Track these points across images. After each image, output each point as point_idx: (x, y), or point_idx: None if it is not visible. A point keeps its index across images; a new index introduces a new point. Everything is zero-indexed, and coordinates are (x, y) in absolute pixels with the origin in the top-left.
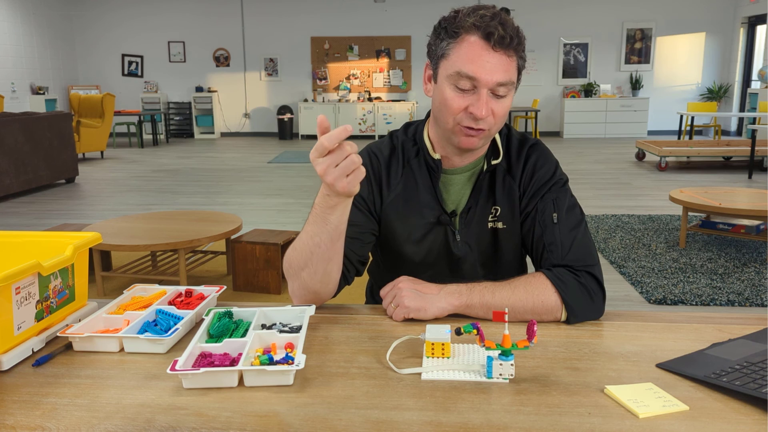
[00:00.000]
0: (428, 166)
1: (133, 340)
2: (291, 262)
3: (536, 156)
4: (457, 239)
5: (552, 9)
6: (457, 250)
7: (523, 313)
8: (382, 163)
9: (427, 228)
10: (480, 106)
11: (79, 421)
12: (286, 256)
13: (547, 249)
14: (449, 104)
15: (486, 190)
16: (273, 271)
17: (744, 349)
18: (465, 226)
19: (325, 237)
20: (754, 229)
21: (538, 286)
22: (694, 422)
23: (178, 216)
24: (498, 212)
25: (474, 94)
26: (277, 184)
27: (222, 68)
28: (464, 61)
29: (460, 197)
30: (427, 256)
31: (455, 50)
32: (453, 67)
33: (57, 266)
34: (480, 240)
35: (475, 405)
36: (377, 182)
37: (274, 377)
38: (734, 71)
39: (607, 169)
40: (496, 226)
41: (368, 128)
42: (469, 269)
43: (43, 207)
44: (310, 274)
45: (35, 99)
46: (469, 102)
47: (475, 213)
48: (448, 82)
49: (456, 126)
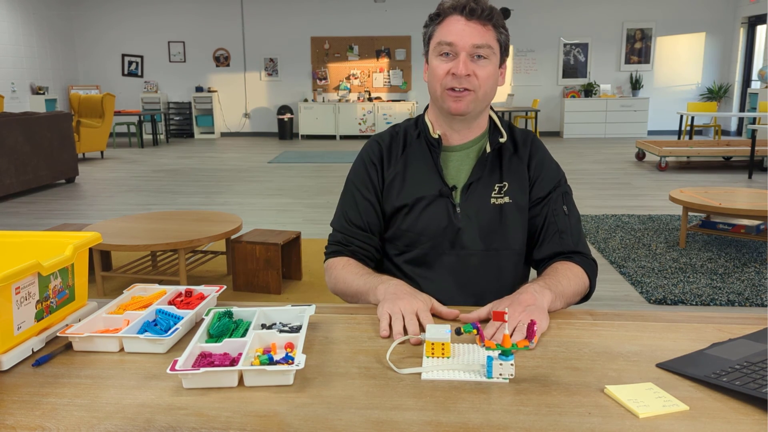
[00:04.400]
0: (429, 145)
1: (133, 340)
2: (336, 283)
3: (542, 150)
4: (457, 211)
5: (552, 9)
6: (458, 221)
7: (574, 296)
8: (383, 146)
9: (429, 200)
10: (459, 66)
11: (79, 421)
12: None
13: (559, 234)
14: (435, 71)
15: (491, 167)
16: (273, 271)
17: (744, 349)
18: (465, 200)
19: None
20: (754, 229)
21: (578, 273)
22: (694, 422)
23: (178, 216)
24: (506, 187)
25: (456, 60)
26: (277, 184)
27: (222, 68)
28: (444, 33)
29: (460, 173)
30: (428, 226)
31: (438, 29)
32: (436, 41)
33: (57, 266)
34: (481, 214)
35: (475, 405)
36: (379, 163)
37: (274, 377)
38: (734, 71)
39: (607, 169)
40: (502, 201)
41: (368, 128)
42: (469, 241)
43: (43, 207)
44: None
45: (35, 99)
46: (450, 66)
47: (477, 188)
48: (433, 55)
49: (443, 92)
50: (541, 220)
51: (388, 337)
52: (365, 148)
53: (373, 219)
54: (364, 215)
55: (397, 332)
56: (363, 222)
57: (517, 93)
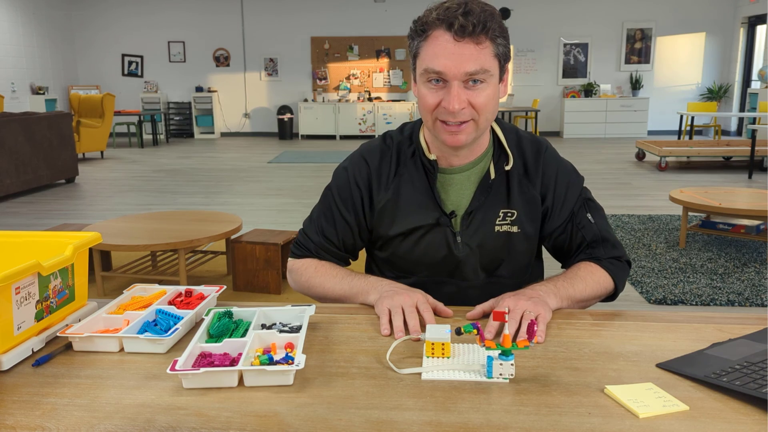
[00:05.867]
0: (425, 167)
1: (133, 340)
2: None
3: (555, 162)
4: (458, 241)
5: (552, 9)
6: (458, 251)
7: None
8: (372, 167)
9: (425, 229)
10: (450, 100)
11: (79, 421)
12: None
13: (589, 246)
14: (424, 101)
15: (496, 193)
16: (273, 271)
17: (744, 349)
18: (466, 228)
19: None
20: (754, 229)
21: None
22: (694, 422)
23: (178, 216)
24: (514, 216)
25: (444, 89)
26: (277, 184)
27: (222, 68)
28: (431, 57)
29: (461, 198)
30: (424, 257)
31: (424, 48)
32: (422, 65)
33: (57, 266)
34: (484, 243)
35: (475, 405)
36: (366, 188)
37: (274, 377)
38: (734, 71)
39: (607, 169)
40: (509, 230)
41: (368, 128)
42: (470, 272)
43: (43, 207)
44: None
45: (35, 99)
46: (441, 97)
47: (479, 215)
48: (422, 80)
49: (436, 123)
50: (568, 237)
51: (389, 335)
52: (352, 165)
53: (349, 239)
54: (341, 233)
55: (398, 328)
56: (338, 240)
57: (517, 93)
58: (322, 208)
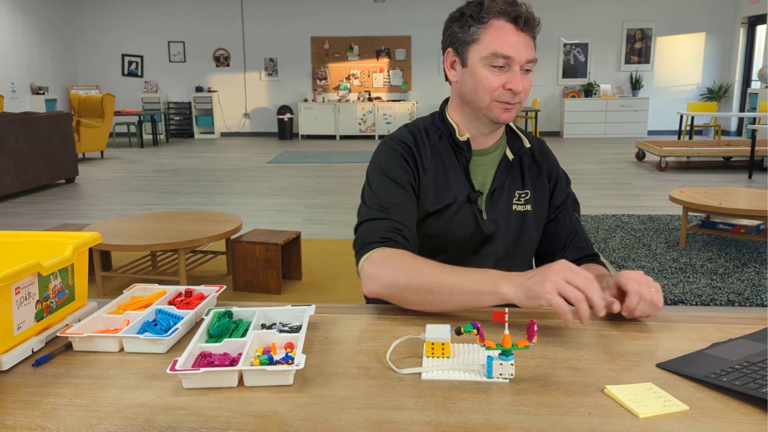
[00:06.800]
0: (455, 148)
1: (133, 340)
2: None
3: (553, 156)
4: (484, 218)
5: (552, 9)
6: (486, 227)
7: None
8: (411, 147)
9: (458, 206)
10: (517, 82)
11: (79, 421)
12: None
13: (577, 239)
14: (487, 83)
15: (513, 173)
16: (273, 271)
17: (744, 349)
18: (491, 206)
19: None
20: (754, 229)
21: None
22: (694, 422)
23: (178, 216)
24: (528, 196)
25: (507, 72)
26: (277, 184)
27: (222, 68)
28: (498, 43)
29: (486, 177)
30: (455, 233)
31: (487, 34)
32: (488, 50)
33: (57, 266)
34: (505, 220)
35: (475, 405)
36: (413, 163)
37: (273, 377)
38: (734, 71)
39: (607, 169)
40: (524, 209)
41: (368, 128)
42: (494, 247)
43: (43, 207)
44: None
45: (35, 99)
46: (504, 80)
47: (501, 194)
48: (483, 64)
49: (492, 103)
50: (560, 226)
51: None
52: (395, 144)
53: (413, 218)
54: (406, 211)
55: (579, 301)
56: (407, 220)
57: None
58: (378, 195)
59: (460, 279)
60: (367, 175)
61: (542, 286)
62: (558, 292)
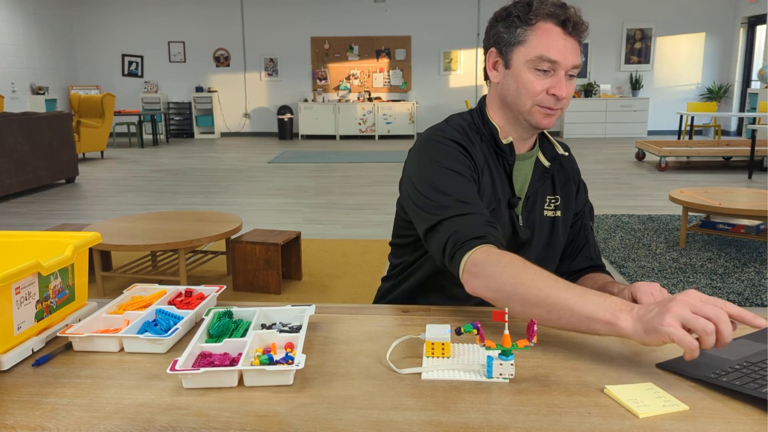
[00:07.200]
0: (497, 150)
1: (133, 340)
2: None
3: (576, 162)
4: (521, 224)
5: None
6: (522, 234)
7: None
8: (467, 146)
9: (499, 211)
10: (562, 87)
11: (79, 421)
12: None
13: (588, 248)
14: (530, 87)
15: (547, 179)
16: (273, 271)
17: (744, 349)
18: (527, 212)
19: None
20: (754, 229)
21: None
22: (694, 422)
23: (178, 216)
24: (558, 201)
25: (552, 77)
26: (277, 184)
27: (222, 68)
28: (544, 47)
29: (523, 183)
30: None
31: (533, 37)
32: (533, 52)
33: (57, 266)
34: (538, 226)
35: (475, 405)
36: (473, 162)
37: (273, 377)
38: (734, 71)
39: (607, 169)
40: (554, 214)
41: (368, 128)
42: (528, 254)
43: (43, 207)
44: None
45: (35, 99)
46: (549, 84)
47: (536, 200)
48: (527, 67)
49: (534, 107)
50: (575, 233)
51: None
52: (449, 141)
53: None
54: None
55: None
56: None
57: None
58: (452, 191)
59: (574, 298)
60: (420, 176)
61: (661, 319)
62: (681, 323)
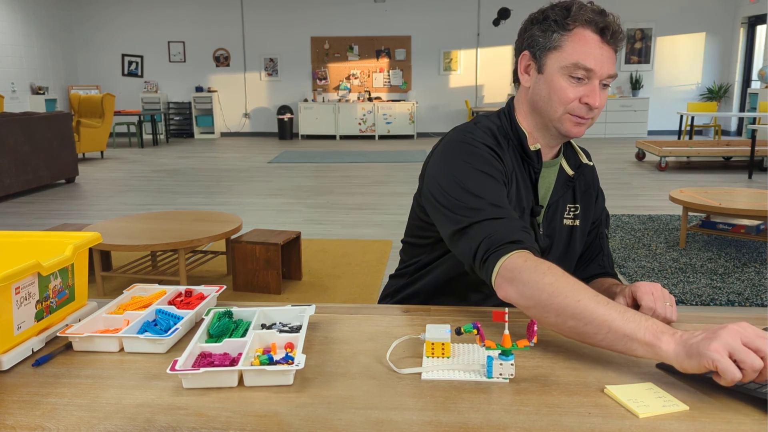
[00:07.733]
0: (523, 157)
1: (133, 340)
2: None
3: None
4: (541, 232)
5: None
6: (542, 242)
7: None
8: (497, 149)
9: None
10: (595, 96)
11: (79, 421)
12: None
13: (601, 256)
14: (562, 94)
15: (569, 188)
16: (273, 271)
17: None
18: (547, 220)
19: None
20: (754, 229)
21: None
22: (694, 422)
23: (178, 216)
24: (578, 210)
25: (586, 85)
26: (277, 184)
27: (222, 68)
28: (581, 54)
29: (547, 191)
30: None
31: (570, 43)
32: (569, 59)
33: (57, 266)
34: (557, 235)
35: (475, 405)
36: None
37: (273, 377)
38: (734, 71)
39: (607, 169)
40: (573, 223)
41: (368, 128)
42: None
43: (43, 207)
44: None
45: (35, 99)
46: (582, 92)
47: (557, 209)
48: (562, 73)
49: (564, 115)
50: (590, 241)
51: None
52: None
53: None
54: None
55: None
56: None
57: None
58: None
59: (614, 315)
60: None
61: (708, 344)
62: (729, 352)
